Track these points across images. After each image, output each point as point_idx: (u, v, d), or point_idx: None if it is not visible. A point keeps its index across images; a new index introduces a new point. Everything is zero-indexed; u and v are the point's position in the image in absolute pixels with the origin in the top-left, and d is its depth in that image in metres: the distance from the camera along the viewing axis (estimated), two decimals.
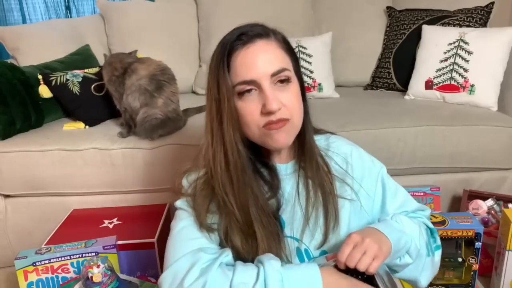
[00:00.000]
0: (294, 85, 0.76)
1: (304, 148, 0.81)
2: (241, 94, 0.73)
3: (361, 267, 0.68)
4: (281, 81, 0.73)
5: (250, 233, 0.75)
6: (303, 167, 0.82)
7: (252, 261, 0.75)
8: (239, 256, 0.77)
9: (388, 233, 0.76)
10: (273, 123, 0.72)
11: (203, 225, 0.77)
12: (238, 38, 0.73)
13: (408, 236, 0.80)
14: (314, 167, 0.81)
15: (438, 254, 0.88)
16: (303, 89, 0.80)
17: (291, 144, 0.78)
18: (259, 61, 0.72)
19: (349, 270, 0.70)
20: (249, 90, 0.72)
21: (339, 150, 0.86)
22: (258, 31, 0.74)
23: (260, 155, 0.81)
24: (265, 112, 0.71)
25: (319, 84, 1.81)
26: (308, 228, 0.80)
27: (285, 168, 0.83)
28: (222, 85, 0.72)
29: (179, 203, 0.82)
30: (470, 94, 1.60)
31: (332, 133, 0.91)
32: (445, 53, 1.67)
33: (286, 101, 0.73)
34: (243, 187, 0.75)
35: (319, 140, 0.86)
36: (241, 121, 0.74)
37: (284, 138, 0.75)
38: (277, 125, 0.73)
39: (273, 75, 0.72)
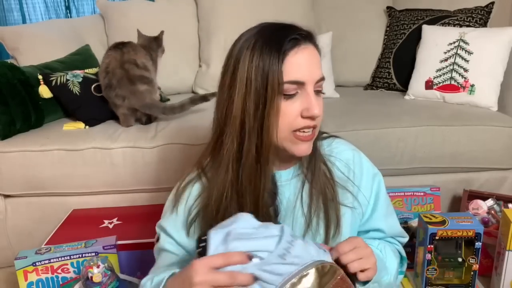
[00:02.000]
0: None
1: (309, 154, 0.79)
2: (285, 93, 0.69)
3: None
4: (318, 90, 0.73)
5: None
6: (305, 173, 0.80)
7: None
8: None
9: None
10: (308, 127, 0.71)
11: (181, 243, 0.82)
12: (296, 35, 0.70)
13: (387, 269, 0.81)
14: (317, 173, 0.79)
15: (399, 278, 0.90)
16: None
17: None
18: (312, 64, 0.71)
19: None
20: (293, 91, 0.70)
21: (341, 156, 0.84)
22: (310, 34, 0.73)
23: None
24: (307, 115, 0.70)
25: None
26: (308, 235, 0.79)
27: (287, 174, 0.81)
28: (271, 79, 0.67)
29: (162, 224, 0.88)
30: (470, 94, 1.60)
31: (336, 136, 0.89)
32: (445, 53, 1.66)
33: (320, 110, 0.72)
34: (249, 189, 0.73)
35: (322, 145, 0.84)
36: None
37: (308, 148, 0.74)
38: (308, 136, 0.72)
39: (317, 81, 0.71)
